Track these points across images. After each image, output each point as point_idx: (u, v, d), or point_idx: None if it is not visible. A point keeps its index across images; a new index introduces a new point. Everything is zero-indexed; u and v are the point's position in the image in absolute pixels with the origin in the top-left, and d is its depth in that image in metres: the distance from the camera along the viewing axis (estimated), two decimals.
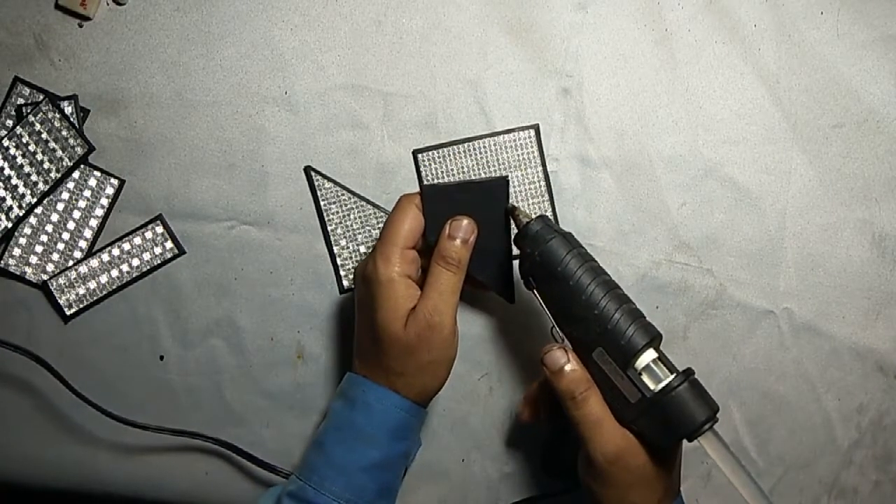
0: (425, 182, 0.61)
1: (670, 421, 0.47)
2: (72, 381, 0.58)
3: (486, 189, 0.55)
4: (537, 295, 0.52)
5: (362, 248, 0.62)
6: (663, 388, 0.47)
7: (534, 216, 0.52)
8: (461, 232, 0.53)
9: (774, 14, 0.60)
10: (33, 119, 0.60)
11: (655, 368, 0.49)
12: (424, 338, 0.51)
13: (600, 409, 0.49)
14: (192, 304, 0.62)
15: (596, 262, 0.51)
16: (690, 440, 0.47)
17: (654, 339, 0.49)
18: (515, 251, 0.54)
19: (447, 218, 0.53)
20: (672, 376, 0.48)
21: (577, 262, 0.50)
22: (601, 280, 0.50)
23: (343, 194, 0.61)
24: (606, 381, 0.50)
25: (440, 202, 0.54)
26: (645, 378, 0.48)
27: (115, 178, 0.61)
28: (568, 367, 0.50)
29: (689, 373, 0.49)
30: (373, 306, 0.52)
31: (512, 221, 0.54)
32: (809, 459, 0.63)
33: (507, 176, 0.60)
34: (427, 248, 0.54)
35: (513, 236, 0.54)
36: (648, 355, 0.49)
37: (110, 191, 0.61)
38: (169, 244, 0.62)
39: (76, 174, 0.61)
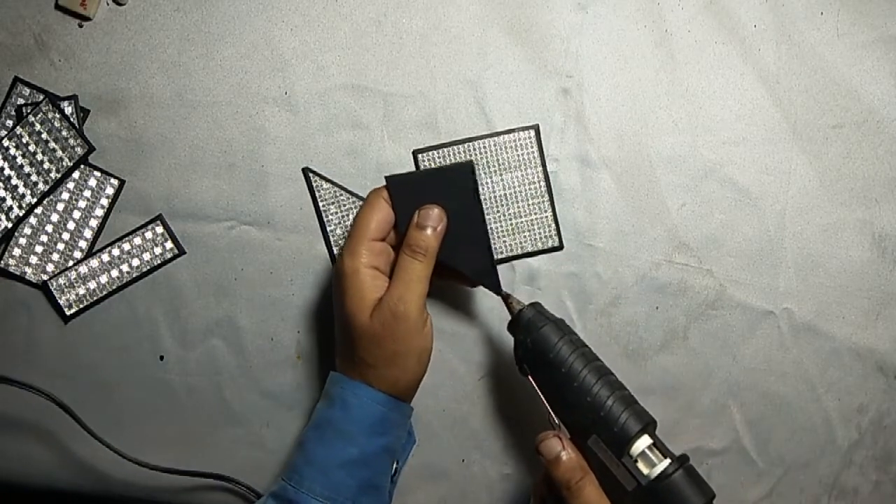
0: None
1: None
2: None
3: (453, 175, 0.54)
4: (532, 382, 0.52)
5: None
6: (658, 475, 0.47)
7: (526, 304, 0.53)
8: (430, 220, 0.53)
9: (774, 14, 0.60)
10: (33, 119, 0.60)
11: (651, 455, 0.48)
12: (389, 327, 0.51)
13: (597, 498, 0.49)
14: (192, 304, 0.62)
15: (588, 348, 0.52)
16: None
17: (649, 426, 0.49)
18: (495, 247, 0.53)
19: (416, 208, 0.53)
20: (667, 462, 0.48)
21: (569, 348, 0.50)
22: (593, 366, 0.50)
23: (341, 195, 0.61)
24: (603, 468, 0.49)
25: (407, 192, 0.53)
26: (640, 465, 0.48)
27: (115, 178, 0.61)
28: (564, 456, 0.49)
29: (683, 459, 0.48)
30: (342, 299, 0.52)
31: (505, 308, 0.54)
32: (809, 459, 0.63)
33: (472, 160, 0.60)
34: (402, 241, 0.54)
35: (506, 324, 0.54)
36: (643, 442, 0.48)
37: (110, 191, 0.61)
38: (169, 244, 0.62)
39: (76, 174, 0.61)
